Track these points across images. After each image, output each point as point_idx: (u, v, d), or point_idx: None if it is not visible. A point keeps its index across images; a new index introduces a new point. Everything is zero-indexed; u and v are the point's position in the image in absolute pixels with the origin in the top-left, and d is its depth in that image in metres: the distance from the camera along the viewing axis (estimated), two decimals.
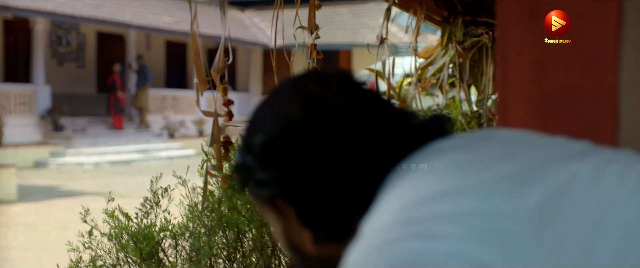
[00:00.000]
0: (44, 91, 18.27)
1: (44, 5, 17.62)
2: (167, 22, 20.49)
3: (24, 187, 11.62)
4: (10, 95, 17.50)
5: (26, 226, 8.75)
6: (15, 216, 9.48)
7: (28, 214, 9.53)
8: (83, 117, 19.45)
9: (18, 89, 17.90)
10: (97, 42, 21.85)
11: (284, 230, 0.89)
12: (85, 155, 16.69)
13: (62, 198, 10.89)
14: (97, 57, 21.84)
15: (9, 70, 19.51)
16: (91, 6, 19.19)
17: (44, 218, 9.26)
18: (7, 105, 17.10)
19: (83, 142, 17.52)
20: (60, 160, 16.09)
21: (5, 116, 16.27)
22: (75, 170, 15.29)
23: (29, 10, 17.40)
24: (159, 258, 1.87)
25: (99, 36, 21.73)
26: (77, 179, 13.45)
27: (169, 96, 21.62)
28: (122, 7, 19.86)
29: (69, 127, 18.35)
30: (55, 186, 12.50)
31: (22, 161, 14.67)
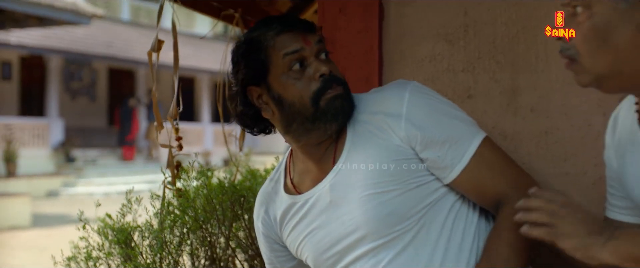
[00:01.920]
0: (57, 124, 19.02)
1: (58, 43, 18.51)
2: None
3: (37, 215, 12.25)
4: (25, 128, 18.22)
5: (38, 249, 9.43)
6: (28, 240, 10.14)
7: (40, 238, 10.13)
8: (94, 148, 20.12)
9: (32, 122, 18.66)
10: (109, 78, 22.68)
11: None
12: (95, 185, 17.35)
13: (73, 225, 11.66)
14: (108, 92, 22.64)
15: (24, 104, 20.32)
16: (103, 44, 20.05)
17: (55, 242, 10.06)
18: (22, 138, 17.75)
19: (93, 172, 18.10)
20: (71, 190, 16.59)
21: (20, 148, 16.86)
22: (85, 199, 16.08)
23: (44, 48, 18.26)
24: (131, 246, 2.70)
25: (110, 72, 22.56)
26: (87, 208, 14.22)
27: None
28: (131, 45, 20.76)
29: (81, 158, 19.01)
30: (66, 214, 13.25)
31: (36, 190, 15.09)
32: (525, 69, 1.88)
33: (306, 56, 1.59)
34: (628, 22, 1.27)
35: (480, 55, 1.94)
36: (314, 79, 1.58)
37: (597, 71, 1.32)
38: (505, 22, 1.91)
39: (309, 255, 1.70)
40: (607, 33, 1.29)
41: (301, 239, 1.70)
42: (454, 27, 1.97)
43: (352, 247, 1.61)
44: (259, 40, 1.61)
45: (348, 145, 1.63)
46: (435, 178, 1.60)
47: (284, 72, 1.59)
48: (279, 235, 1.78)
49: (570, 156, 1.83)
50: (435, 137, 1.57)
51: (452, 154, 1.57)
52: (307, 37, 1.60)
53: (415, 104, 1.59)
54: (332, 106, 1.57)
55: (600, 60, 1.31)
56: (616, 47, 1.28)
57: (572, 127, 1.83)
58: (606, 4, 1.28)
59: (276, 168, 1.84)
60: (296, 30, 1.60)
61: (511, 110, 1.90)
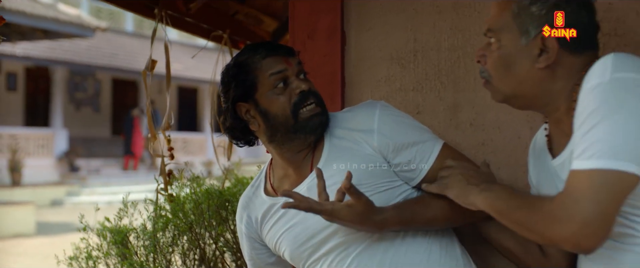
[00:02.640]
0: (61, 134, 19.30)
1: (62, 55, 18.81)
2: (177, 69, 21.65)
3: (42, 223, 12.51)
4: (30, 138, 18.50)
5: (42, 256, 9.61)
6: (32, 247, 10.39)
7: (44, 246, 10.30)
8: (97, 158, 20.38)
9: (37, 132, 18.94)
10: (112, 88, 22.96)
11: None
12: (99, 194, 17.47)
13: (76, 233, 11.87)
14: (112, 102, 22.93)
15: (29, 115, 20.58)
16: (106, 55, 20.35)
17: (59, 250, 10.29)
18: (27, 147, 18.03)
19: (97, 182, 18.30)
20: (75, 199, 16.72)
21: (25, 157, 17.17)
22: (89, 208, 16.27)
23: (49, 59, 18.55)
24: (127, 246, 2.98)
25: (114, 82, 22.86)
26: (90, 216, 14.45)
27: (179, 139, 22.30)
28: (135, 56, 21.03)
29: (84, 168, 19.25)
30: (70, 222, 13.48)
31: (40, 199, 15.26)
32: (465, 89, 2.16)
33: (288, 75, 1.87)
34: (526, 56, 1.57)
35: (427, 77, 2.23)
36: (294, 94, 1.86)
37: (504, 92, 1.63)
38: (448, 48, 2.20)
39: (286, 248, 1.95)
40: (510, 62, 1.59)
41: (279, 235, 1.95)
42: (405, 52, 2.26)
43: (325, 240, 1.86)
44: (247, 63, 1.89)
45: (325, 154, 1.89)
46: (402, 183, 1.88)
47: (269, 89, 1.87)
48: (259, 234, 2.04)
49: (503, 165, 2.11)
50: (404, 143, 1.85)
51: (420, 156, 1.86)
52: (288, 60, 1.89)
53: (384, 120, 1.88)
54: (311, 122, 1.86)
55: (506, 84, 1.62)
56: (517, 74, 1.59)
57: (504, 139, 2.12)
58: (511, 39, 1.59)
59: (257, 176, 2.11)
60: (279, 54, 1.89)
61: (453, 124, 2.19)
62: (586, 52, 1.57)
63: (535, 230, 1.46)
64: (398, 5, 2.27)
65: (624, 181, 1.34)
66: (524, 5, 1.57)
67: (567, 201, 1.37)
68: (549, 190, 1.67)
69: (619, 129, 1.35)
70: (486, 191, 1.63)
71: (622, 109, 1.36)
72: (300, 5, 2.38)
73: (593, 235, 1.35)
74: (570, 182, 1.39)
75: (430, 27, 2.22)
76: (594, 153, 1.35)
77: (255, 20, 3.82)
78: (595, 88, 1.40)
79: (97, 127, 22.47)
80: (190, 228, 3.08)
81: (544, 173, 1.73)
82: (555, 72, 1.56)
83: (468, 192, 1.68)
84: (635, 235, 1.45)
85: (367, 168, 1.84)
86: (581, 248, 1.41)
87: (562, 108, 1.58)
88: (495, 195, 1.60)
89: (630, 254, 1.46)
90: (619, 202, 1.36)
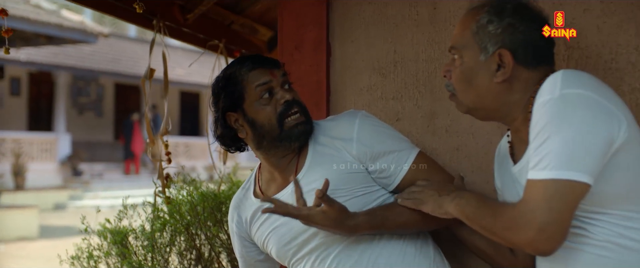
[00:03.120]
0: (64, 139, 19.39)
1: (66, 60, 18.92)
2: (179, 74, 21.80)
3: (45, 227, 12.61)
4: (34, 143, 18.58)
5: (45, 259, 9.70)
6: (35, 251, 10.51)
7: (47, 249, 10.39)
8: (100, 162, 20.50)
9: (41, 137, 19.01)
10: (115, 93, 23.10)
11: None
12: (102, 198, 17.49)
13: (78, 236, 11.99)
14: (114, 107, 23.07)
15: (32, 119, 20.75)
16: (109, 60, 20.46)
17: (61, 253, 10.41)
18: (30, 152, 18.09)
19: (100, 186, 18.36)
20: (78, 203, 16.72)
21: (29, 162, 17.19)
22: (92, 212, 16.36)
23: (52, 65, 18.67)
24: (126, 246, 3.13)
25: (117, 87, 23.00)
26: (93, 220, 14.56)
27: (181, 143, 22.42)
28: (137, 61, 21.16)
29: (87, 172, 19.35)
30: (72, 226, 13.57)
31: (44, 203, 15.28)
32: (441, 98, 2.31)
33: (274, 86, 2.01)
34: (485, 71, 1.72)
35: (406, 86, 2.38)
36: (279, 104, 2.00)
37: (467, 104, 1.78)
38: (425, 59, 2.35)
39: (273, 247, 2.10)
40: (471, 77, 1.75)
41: (267, 234, 2.10)
42: (386, 63, 2.41)
43: (308, 240, 2.01)
44: (235, 76, 2.02)
45: (309, 160, 2.04)
46: (379, 188, 2.02)
47: (256, 100, 2.00)
48: (249, 233, 2.19)
49: (476, 168, 2.26)
50: (381, 151, 1.99)
51: (395, 163, 2.00)
52: (273, 72, 2.02)
53: (363, 129, 2.02)
54: (296, 129, 2.00)
55: (468, 96, 1.77)
56: (478, 88, 1.74)
57: (477, 144, 2.26)
58: (472, 56, 1.74)
59: (247, 179, 2.26)
60: (264, 66, 2.03)
61: (430, 130, 2.34)
62: (540, 67, 1.71)
63: (500, 235, 1.60)
64: (379, 19, 2.42)
65: (575, 189, 1.48)
66: (482, 25, 1.72)
67: (525, 209, 1.51)
68: (511, 193, 1.82)
69: (569, 141, 1.48)
70: (457, 199, 1.78)
71: (571, 123, 1.50)
72: (289, 18, 2.53)
73: (550, 240, 1.49)
74: (527, 191, 1.53)
75: (409, 40, 2.38)
76: (547, 165, 1.49)
77: (251, 30, 3.97)
78: (547, 103, 1.54)
79: (100, 131, 22.60)
80: (187, 229, 3.23)
81: (506, 177, 1.87)
82: (513, 85, 1.70)
83: (441, 203, 1.83)
84: (587, 236, 1.59)
85: (346, 174, 1.98)
86: (540, 252, 1.56)
87: (520, 118, 1.73)
88: (465, 202, 1.75)
89: (583, 254, 1.60)
90: (572, 209, 1.49)
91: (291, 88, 2.06)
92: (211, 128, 2.14)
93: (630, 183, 1.55)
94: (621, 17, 2.05)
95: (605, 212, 1.57)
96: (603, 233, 1.57)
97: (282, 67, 2.07)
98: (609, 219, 1.57)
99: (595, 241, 1.58)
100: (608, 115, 1.52)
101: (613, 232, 1.57)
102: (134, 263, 3.08)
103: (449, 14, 2.30)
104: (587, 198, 1.51)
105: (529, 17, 1.73)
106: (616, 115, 1.53)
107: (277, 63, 2.07)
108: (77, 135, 20.49)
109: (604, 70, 2.06)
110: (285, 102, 1.99)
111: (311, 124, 2.05)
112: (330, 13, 2.49)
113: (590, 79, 1.59)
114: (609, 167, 1.51)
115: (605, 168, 1.51)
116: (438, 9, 2.32)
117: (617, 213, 1.56)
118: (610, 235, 1.57)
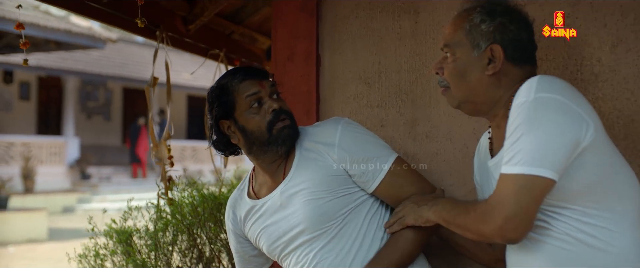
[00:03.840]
0: (73, 142, 19.54)
1: (74, 65, 19.07)
2: (186, 78, 21.91)
3: (54, 229, 12.76)
4: (43, 146, 18.73)
5: (54, 260, 9.82)
6: (44, 252, 10.67)
7: (56, 251, 10.47)
8: (108, 166, 20.61)
9: (50, 141, 19.16)
10: (123, 97, 23.24)
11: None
12: (110, 201, 17.51)
13: (87, 238, 12.13)
14: (122, 111, 23.21)
15: (42, 123, 20.88)
16: (117, 65, 20.59)
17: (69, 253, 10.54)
18: (39, 155, 18.25)
19: (108, 189, 18.44)
20: (86, 206, 16.74)
21: (38, 165, 17.34)
22: (100, 214, 16.43)
23: (61, 69, 18.81)
24: (131, 244, 3.32)
25: (125, 92, 23.14)
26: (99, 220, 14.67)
27: (189, 147, 22.58)
28: (145, 66, 21.22)
29: (95, 175, 19.48)
30: (81, 228, 13.66)
31: (52, 206, 15.43)
32: (422, 106, 2.49)
33: (262, 96, 2.17)
34: (478, 65, 1.87)
35: (390, 95, 2.55)
36: (268, 113, 2.16)
37: (459, 97, 1.92)
38: (407, 70, 2.52)
39: (264, 244, 2.27)
40: (465, 71, 1.89)
41: (258, 232, 2.27)
42: (371, 73, 2.59)
43: (295, 237, 2.18)
44: (227, 86, 2.19)
45: (295, 164, 2.20)
46: (359, 189, 2.17)
47: (246, 109, 2.16)
48: (243, 230, 2.36)
49: (454, 171, 2.43)
50: (360, 157, 2.14)
51: (373, 169, 2.14)
52: (262, 83, 2.18)
53: (344, 135, 2.17)
54: (282, 134, 2.16)
55: (461, 90, 1.91)
56: (470, 82, 1.89)
57: (455, 148, 2.44)
58: (465, 52, 1.89)
59: (243, 181, 2.43)
60: (254, 78, 2.19)
61: (412, 136, 2.51)
62: (525, 66, 1.87)
63: (472, 229, 1.77)
64: (365, 33, 2.60)
65: (541, 184, 1.63)
66: (475, 24, 1.87)
67: (494, 201, 1.68)
68: (488, 187, 1.97)
69: (538, 140, 1.64)
70: (434, 206, 1.96)
71: (541, 124, 1.65)
72: (281, 31, 2.71)
73: (516, 229, 1.65)
74: (499, 184, 1.70)
75: (392, 52, 2.55)
76: (518, 161, 1.65)
77: (250, 39, 4.15)
78: (522, 105, 1.69)
79: (108, 135, 22.72)
80: (189, 229, 3.41)
81: (484, 172, 2.03)
82: (501, 80, 1.86)
83: (421, 213, 2.02)
84: (550, 229, 1.74)
85: (328, 176, 2.14)
86: (508, 239, 1.71)
87: (500, 114, 1.88)
88: (441, 207, 1.93)
89: (546, 245, 1.75)
90: (537, 202, 1.65)
91: (279, 97, 2.21)
92: (207, 135, 2.31)
93: (592, 182, 1.70)
94: (585, 32, 2.22)
95: (566, 207, 1.71)
96: (563, 227, 1.72)
97: (272, 77, 2.22)
98: (570, 214, 1.71)
99: (557, 233, 1.73)
100: (576, 119, 1.67)
101: (572, 226, 1.71)
102: (138, 261, 3.26)
103: (429, 28, 2.48)
104: (551, 193, 1.66)
105: (518, 18, 1.89)
106: (584, 119, 1.68)
107: (266, 74, 2.22)
108: (86, 139, 20.63)
109: (571, 81, 2.22)
110: (273, 110, 2.14)
111: (296, 129, 2.20)
112: (320, 27, 2.66)
113: (563, 85, 1.75)
114: (573, 165, 1.66)
115: (570, 166, 1.66)
116: (419, 23, 2.50)
117: (577, 209, 1.71)
118: (570, 229, 1.71)
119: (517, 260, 1.85)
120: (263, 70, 2.27)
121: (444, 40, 1.95)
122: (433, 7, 2.48)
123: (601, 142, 1.71)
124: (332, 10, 2.65)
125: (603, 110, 2.20)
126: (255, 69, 2.25)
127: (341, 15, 2.64)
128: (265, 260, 2.43)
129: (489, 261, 2.17)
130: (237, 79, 2.18)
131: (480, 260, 2.20)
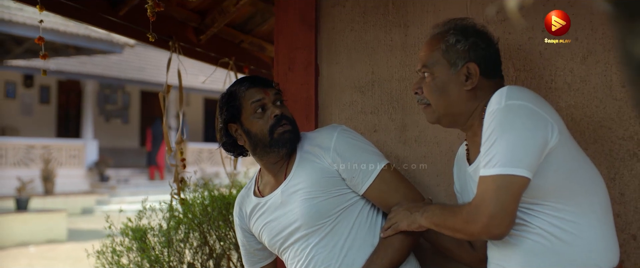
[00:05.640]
0: (92, 145, 19.78)
1: (93, 69, 19.34)
2: (203, 82, 22.07)
3: (73, 230, 13.02)
4: (62, 149, 19.01)
5: (73, 260, 10.12)
6: (64, 252, 10.93)
7: (75, 251, 10.75)
8: (126, 168, 20.86)
9: (69, 143, 19.43)
10: (141, 100, 23.51)
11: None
12: (128, 203, 17.62)
13: (105, 239, 12.35)
14: (140, 114, 23.48)
15: (61, 126, 21.22)
16: (135, 69, 20.82)
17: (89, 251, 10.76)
18: (59, 158, 18.55)
19: (126, 191, 18.69)
20: (105, 207, 16.78)
21: (58, 167, 17.68)
22: (117, 215, 16.60)
23: (80, 73, 19.11)
24: (146, 241, 3.54)
25: (143, 95, 23.41)
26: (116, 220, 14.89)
27: (206, 149, 22.74)
28: (162, 70, 21.27)
29: (114, 177, 19.70)
30: (99, 229, 13.85)
31: (72, 208, 15.70)
32: (411, 112, 2.69)
33: (266, 103, 2.38)
34: (455, 82, 2.06)
35: (382, 102, 2.75)
36: (270, 118, 2.37)
37: (440, 112, 2.10)
38: (398, 79, 2.72)
39: (265, 238, 2.47)
40: (444, 88, 2.07)
41: (261, 227, 2.47)
42: (365, 82, 2.79)
43: (292, 233, 2.38)
44: (235, 93, 2.40)
45: (296, 165, 2.40)
46: (351, 190, 2.36)
47: (251, 114, 2.37)
48: (248, 225, 2.56)
49: (440, 173, 2.63)
50: (352, 161, 2.34)
51: (362, 174, 2.34)
52: (267, 90, 2.39)
53: (340, 141, 2.37)
54: (283, 137, 2.36)
55: (441, 105, 2.09)
56: (449, 97, 2.07)
57: (441, 152, 2.63)
58: (443, 71, 2.07)
59: (250, 180, 2.64)
60: (259, 86, 2.40)
61: (402, 140, 2.71)
62: (497, 79, 2.07)
63: (460, 229, 1.94)
64: (359, 44, 2.80)
65: (518, 182, 1.80)
66: (451, 44, 2.06)
67: (478, 202, 1.85)
68: (468, 192, 2.16)
69: (512, 143, 1.82)
70: (425, 212, 2.13)
71: (514, 128, 1.83)
72: (283, 43, 2.92)
73: (500, 225, 1.82)
74: (479, 186, 1.87)
75: (384, 62, 2.75)
76: (496, 163, 1.82)
77: (259, 47, 4.35)
78: (495, 112, 1.87)
79: (126, 138, 22.97)
80: (200, 227, 3.63)
81: (463, 178, 2.22)
82: (476, 93, 2.05)
83: (413, 219, 2.18)
84: (527, 225, 1.92)
85: (324, 177, 2.34)
86: (493, 236, 1.88)
87: (476, 124, 2.06)
88: (431, 213, 2.10)
89: (524, 240, 1.92)
90: (516, 199, 1.82)
91: (282, 104, 2.41)
92: (217, 137, 2.52)
93: (560, 179, 1.87)
94: (559, 45, 2.41)
95: (539, 203, 1.88)
96: (538, 222, 1.89)
97: (276, 86, 2.43)
98: (543, 210, 1.89)
99: (532, 229, 1.90)
100: (543, 122, 1.84)
101: (545, 221, 1.88)
102: (152, 257, 3.48)
103: (417, 40, 2.68)
104: (526, 192, 1.83)
105: (487, 38, 2.09)
106: (550, 122, 1.86)
107: (271, 83, 2.42)
108: (104, 141, 20.89)
109: (546, 90, 2.42)
110: (275, 116, 2.34)
111: (297, 133, 2.40)
112: (318, 39, 2.87)
113: (529, 93, 1.93)
114: (543, 164, 1.84)
115: (541, 165, 1.83)
116: (408, 36, 2.70)
117: (549, 205, 1.88)
118: (544, 224, 1.88)
119: (499, 255, 2.02)
120: (268, 79, 2.48)
121: (421, 62, 2.11)
122: (421, 22, 2.67)
123: (566, 143, 1.89)
124: (329, 23, 2.85)
125: (575, 117, 2.38)
126: (261, 78, 2.46)
127: (338, 28, 2.84)
128: (269, 254, 2.62)
129: (472, 262, 2.32)
130: (244, 86, 2.39)
131: (464, 261, 2.35)
